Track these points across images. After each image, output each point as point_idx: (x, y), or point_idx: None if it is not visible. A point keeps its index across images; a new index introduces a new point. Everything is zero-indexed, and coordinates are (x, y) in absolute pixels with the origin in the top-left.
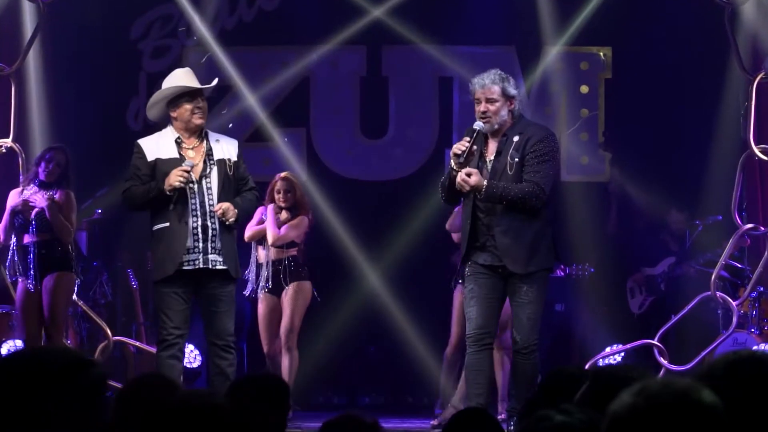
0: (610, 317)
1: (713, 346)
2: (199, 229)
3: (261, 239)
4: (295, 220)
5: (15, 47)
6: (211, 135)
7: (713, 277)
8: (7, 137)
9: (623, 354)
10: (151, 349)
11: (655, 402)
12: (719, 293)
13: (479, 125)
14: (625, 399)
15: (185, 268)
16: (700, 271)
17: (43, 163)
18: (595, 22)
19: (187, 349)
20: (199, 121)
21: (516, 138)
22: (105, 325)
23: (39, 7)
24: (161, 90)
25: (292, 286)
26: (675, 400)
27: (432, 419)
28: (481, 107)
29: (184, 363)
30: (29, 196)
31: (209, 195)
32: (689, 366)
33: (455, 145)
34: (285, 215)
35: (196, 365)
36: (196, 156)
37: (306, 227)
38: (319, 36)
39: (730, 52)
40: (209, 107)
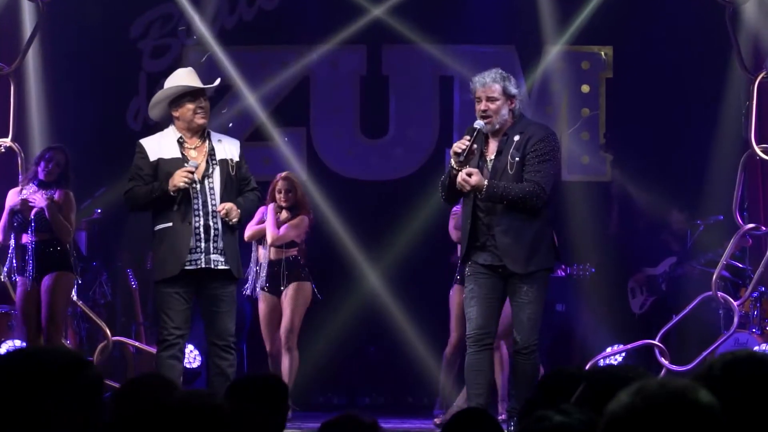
0: (610, 317)
1: (714, 346)
2: (201, 229)
3: (261, 239)
4: (295, 219)
5: (14, 46)
6: (213, 135)
7: (714, 277)
8: (7, 137)
9: (624, 354)
10: (151, 350)
11: (653, 402)
12: (720, 293)
13: (479, 124)
14: (623, 399)
15: (187, 268)
16: (701, 271)
17: (43, 163)
18: (596, 21)
19: (187, 350)
20: (202, 121)
21: (517, 137)
22: (104, 326)
23: (38, 7)
24: (163, 90)
25: (291, 286)
26: (672, 400)
27: (432, 419)
28: (482, 105)
29: (183, 363)
30: (28, 195)
31: (212, 195)
32: (690, 366)
33: (455, 144)
34: (285, 215)
35: (195, 365)
36: (198, 156)
37: (306, 227)
38: (319, 35)
39: (731, 51)
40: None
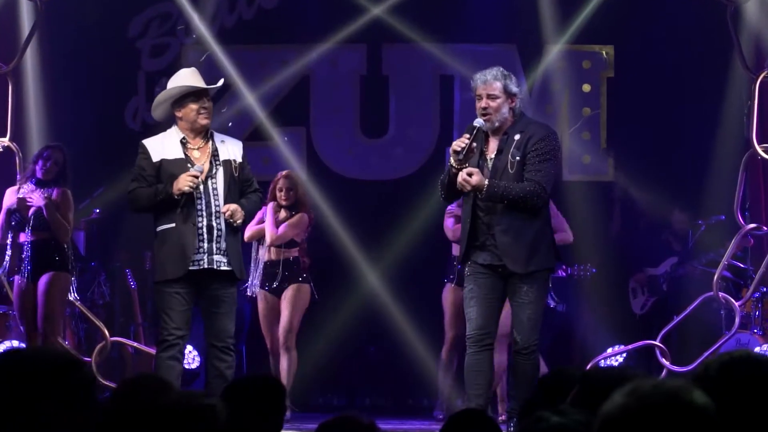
0: (611, 317)
1: (716, 346)
2: (205, 230)
3: (261, 239)
4: (294, 218)
5: (12, 45)
6: (217, 135)
7: (716, 278)
8: (4, 136)
9: (625, 355)
10: (150, 350)
11: (647, 402)
12: (722, 293)
13: (479, 122)
14: (617, 399)
15: (190, 268)
16: (702, 272)
17: (41, 162)
18: (597, 20)
19: (186, 351)
20: (205, 122)
21: (517, 136)
22: (103, 326)
23: (36, 6)
24: (166, 90)
25: (291, 288)
26: (666, 400)
27: (432, 421)
28: (482, 103)
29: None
30: (26, 194)
31: (215, 196)
32: (691, 367)
33: (455, 142)
34: (284, 214)
35: (194, 366)
36: (201, 156)
37: (306, 225)
38: (319, 34)
39: (732, 50)
40: None
